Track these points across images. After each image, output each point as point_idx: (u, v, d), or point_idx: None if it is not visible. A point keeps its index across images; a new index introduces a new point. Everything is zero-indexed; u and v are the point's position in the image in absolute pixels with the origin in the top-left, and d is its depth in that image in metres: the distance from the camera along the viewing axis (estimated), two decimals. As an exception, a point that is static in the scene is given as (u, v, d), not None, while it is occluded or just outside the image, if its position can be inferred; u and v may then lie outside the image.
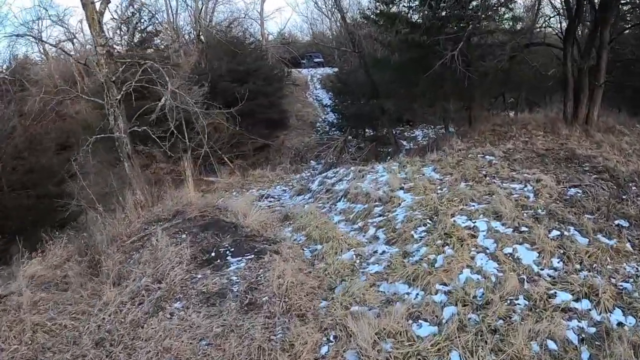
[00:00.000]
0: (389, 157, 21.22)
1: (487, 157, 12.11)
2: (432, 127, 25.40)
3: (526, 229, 8.25)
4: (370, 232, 9.40)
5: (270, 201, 16.33)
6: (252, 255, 8.67)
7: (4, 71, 31.59)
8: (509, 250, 7.77)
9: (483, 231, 8.35)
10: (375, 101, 18.19)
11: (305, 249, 9.25)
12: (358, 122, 20.49)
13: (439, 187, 10.46)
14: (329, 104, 30.16)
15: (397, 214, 9.62)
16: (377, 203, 10.37)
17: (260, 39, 37.73)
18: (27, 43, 41.47)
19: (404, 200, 10.06)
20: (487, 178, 10.63)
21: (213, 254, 8.81)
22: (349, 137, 16.63)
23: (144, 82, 12.83)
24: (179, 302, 7.58)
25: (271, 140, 24.00)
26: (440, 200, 9.48)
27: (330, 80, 28.19)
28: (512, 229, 8.32)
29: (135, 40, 23.24)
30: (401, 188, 10.66)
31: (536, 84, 18.99)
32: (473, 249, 7.93)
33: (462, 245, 7.96)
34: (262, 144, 23.40)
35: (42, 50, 35.63)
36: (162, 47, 27.50)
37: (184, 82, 18.04)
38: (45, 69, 34.67)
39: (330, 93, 32.06)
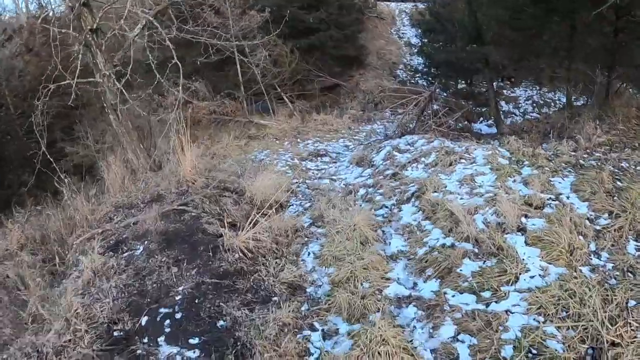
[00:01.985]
0: (482, 120, 16.58)
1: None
2: (538, 88, 20.06)
3: None
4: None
5: (322, 161, 12.32)
6: (206, 344, 4.59)
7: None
8: None
9: None
10: (476, 47, 13.27)
11: (314, 327, 4.95)
12: (449, 71, 15.60)
13: (593, 250, 5.25)
14: (414, 42, 25.03)
15: (503, 308, 4.57)
16: (469, 246, 5.50)
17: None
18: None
19: (526, 265, 4.98)
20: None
21: (141, 323, 4.87)
22: (436, 90, 11.90)
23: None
24: None
25: (343, 80, 19.56)
26: (607, 313, 4.20)
27: (419, 14, 22.64)
28: None
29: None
30: (520, 230, 5.60)
31: None
32: None
33: None
34: (331, 83, 19.05)
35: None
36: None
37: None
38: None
39: (418, 30, 26.73)
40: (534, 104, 19.26)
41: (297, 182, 10.16)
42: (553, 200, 6.23)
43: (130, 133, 8.88)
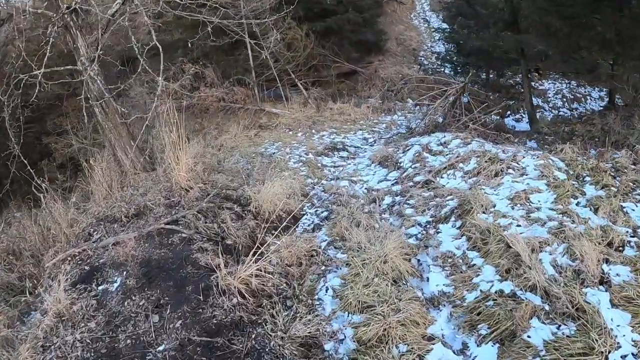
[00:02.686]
0: (509, 114, 15.02)
1: None
2: (567, 81, 18.44)
3: None
4: None
5: (340, 157, 11.03)
6: None
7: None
8: None
9: None
10: (511, 34, 11.77)
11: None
12: (479, 60, 14.08)
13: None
14: (438, 27, 23.38)
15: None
16: (537, 300, 4.16)
17: None
18: None
19: (615, 339, 3.63)
20: None
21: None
22: (468, 84, 10.42)
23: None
24: None
25: (360, 66, 18.09)
26: None
27: (445, -3, 20.82)
28: None
29: None
30: (603, 282, 4.23)
31: None
32: None
33: None
34: (348, 70, 17.64)
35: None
36: None
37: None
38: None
39: (440, 16, 25.05)
40: (564, 99, 17.70)
41: (312, 183, 8.88)
42: (631, 237, 4.85)
43: (118, 128, 7.55)
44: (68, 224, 6.23)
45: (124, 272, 4.90)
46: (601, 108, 16.11)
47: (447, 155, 7.79)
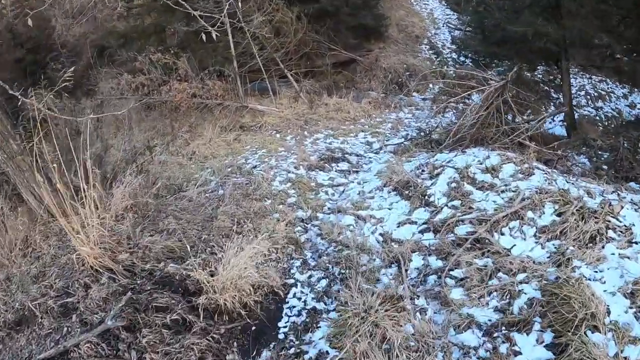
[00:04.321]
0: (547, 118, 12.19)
1: None
2: (588, 76, 15.84)
3: None
4: None
5: (339, 170, 8.68)
6: None
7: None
8: None
9: None
10: (548, 22, 9.14)
11: None
12: (508, 52, 11.31)
13: None
14: (439, 16, 20.77)
15: None
16: None
17: None
18: None
19: None
20: None
21: None
22: (509, 81, 7.67)
23: None
24: None
25: (359, 55, 15.46)
26: None
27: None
28: None
29: None
30: None
31: None
32: None
33: None
34: (346, 58, 14.96)
35: None
36: None
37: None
38: None
39: (442, 2, 22.47)
40: (588, 96, 15.14)
41: (303, 219, 6.37)
42: None
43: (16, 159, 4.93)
44: None
45: None
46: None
47: (501, 191, 5.23)
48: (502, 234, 4.65)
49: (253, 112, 11.79)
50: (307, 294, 4.61)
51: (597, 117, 13.94)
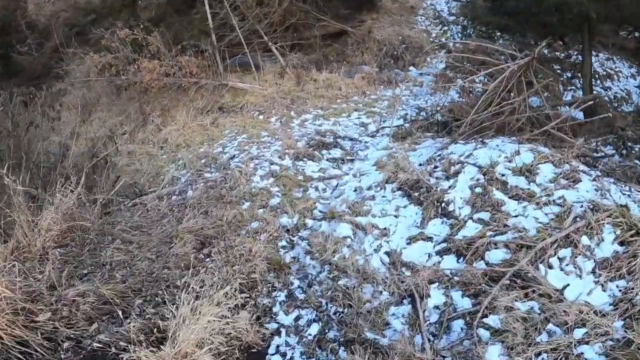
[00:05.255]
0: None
1: None
2: (595, 53, 14.46)
3: None
4: None
5: (331, 159, 7.47)
6: None
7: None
8: None
9: None
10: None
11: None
12: (520, 25, 9.75)
13: None
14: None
15: None
16: None
17: None
18: None
19: None
20: None
21: None
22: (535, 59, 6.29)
23: None
24: None
25: (351, 26, 14.07)
26: None
27: None
28: None
29: None
30: None
31: None
32: None
33: None
34: (336, 30, 13.67)
35: None
36: None
37: None
38: None
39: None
40: (596, 75, 13.82)
41: (288, 229, 5.16)
42: None
43: None
44: None
45: None
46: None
47: (543, 203, 3.97)
48: (550, 266, 3.45)
49: (234, 91, 10.46)
50: (293, 347, 3.43)
51: (606, 98, 12.70)
